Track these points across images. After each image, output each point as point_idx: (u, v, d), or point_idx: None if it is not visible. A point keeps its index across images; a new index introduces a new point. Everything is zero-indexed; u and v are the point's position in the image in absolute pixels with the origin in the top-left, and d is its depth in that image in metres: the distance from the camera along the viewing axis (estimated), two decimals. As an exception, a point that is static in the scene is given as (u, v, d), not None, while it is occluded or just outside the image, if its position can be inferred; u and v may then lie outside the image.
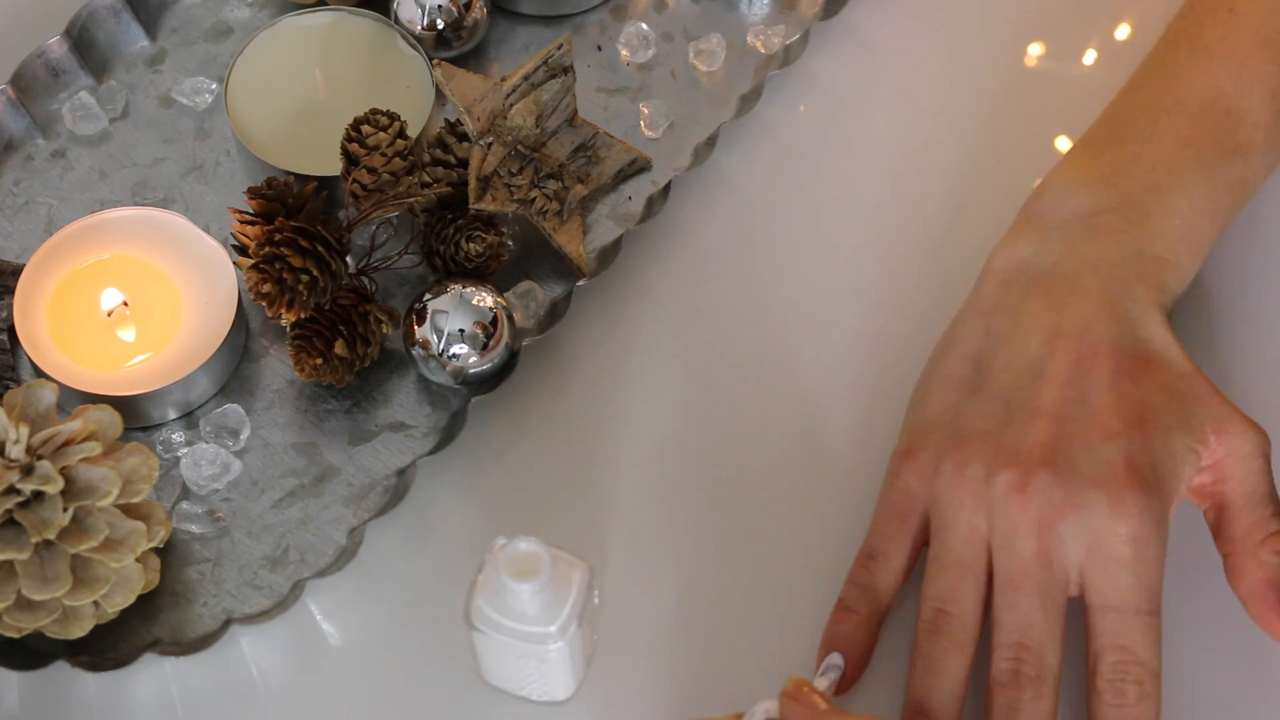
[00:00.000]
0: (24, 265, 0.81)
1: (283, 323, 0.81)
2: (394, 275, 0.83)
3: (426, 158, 0.82)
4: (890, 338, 0.82)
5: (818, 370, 0.81)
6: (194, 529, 0.78)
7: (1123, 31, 0.92)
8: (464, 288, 0.79)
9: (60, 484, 0.70)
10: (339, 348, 0.78)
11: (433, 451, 0.79)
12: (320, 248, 0.77)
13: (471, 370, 0.80)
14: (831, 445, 0.80)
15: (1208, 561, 0.74)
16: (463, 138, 0.82)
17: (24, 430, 0.70)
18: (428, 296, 0.80)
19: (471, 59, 0.90)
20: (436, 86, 0.84)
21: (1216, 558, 0.73)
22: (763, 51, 0.90)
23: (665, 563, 0.78)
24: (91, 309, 0.80)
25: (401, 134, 0.79)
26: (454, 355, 0.79)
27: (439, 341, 0.79)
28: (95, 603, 0.73)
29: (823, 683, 0.72)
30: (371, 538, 0.77)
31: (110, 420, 0.73)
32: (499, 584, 0.68)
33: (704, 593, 0.77)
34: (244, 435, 0.80)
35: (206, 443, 0.79)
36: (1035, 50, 0.91)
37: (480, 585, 0.69)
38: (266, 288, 0.77)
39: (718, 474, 0.80)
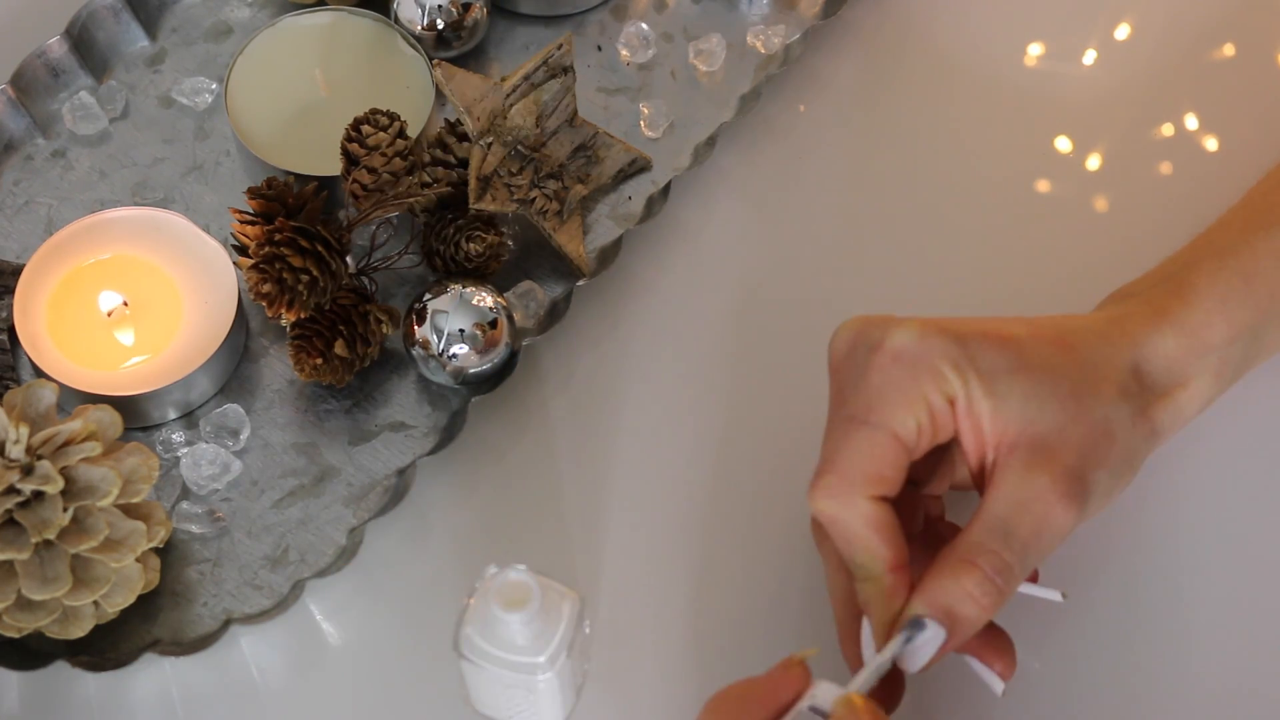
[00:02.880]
0: (24, 265, 0.81)
1: (283, 323, 0.81)
2: (394, 275, 0.83)
3: (426, 158, 0.82)
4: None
5: (819, 369, 0.81)
6: (194, 529, 0.78)
7: (1123, 31, 0.92)
8: (464, 288, 0.79)
9: (60, 484, 0.70)
10: (339, 348, 0.78)
11: (433, 451, 0.79)
12: (320, 248, 0.77)
13: (471, 370, 0.80)
14: (831, 445, 0.80)
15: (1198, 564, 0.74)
16: (463, 138, 0.82)
17: (24, 430, 0.70)
18: (428, 296, 0.80)
19: (471, 59, 0.90)
20: (436, 86, 0.84)
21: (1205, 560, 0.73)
22: (763, 51, 0.90)
23: (664, 567, 0.78)
24: (91, 309, 0.80)
25: (401, 134, 0.79)
26: (454, 355, 0.79)
27: (439, 341, 0.79)
28: (95, 603, 0.73)
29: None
30: (371, 538, 0.77)
31: (110, 420, 0.73)
32: (488, 613, 0.67)
33: (704, 602, 0.77)
34: (244, 435, 0.80)
35: (206, 443, 0.79)
36: (1035, 50, 0.91)
37: (470, 613, 0.69)
38: (266, 288, 0.77)
39: (719, 474, 0.80)
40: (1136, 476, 0.71)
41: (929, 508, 0.73)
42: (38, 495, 0.71)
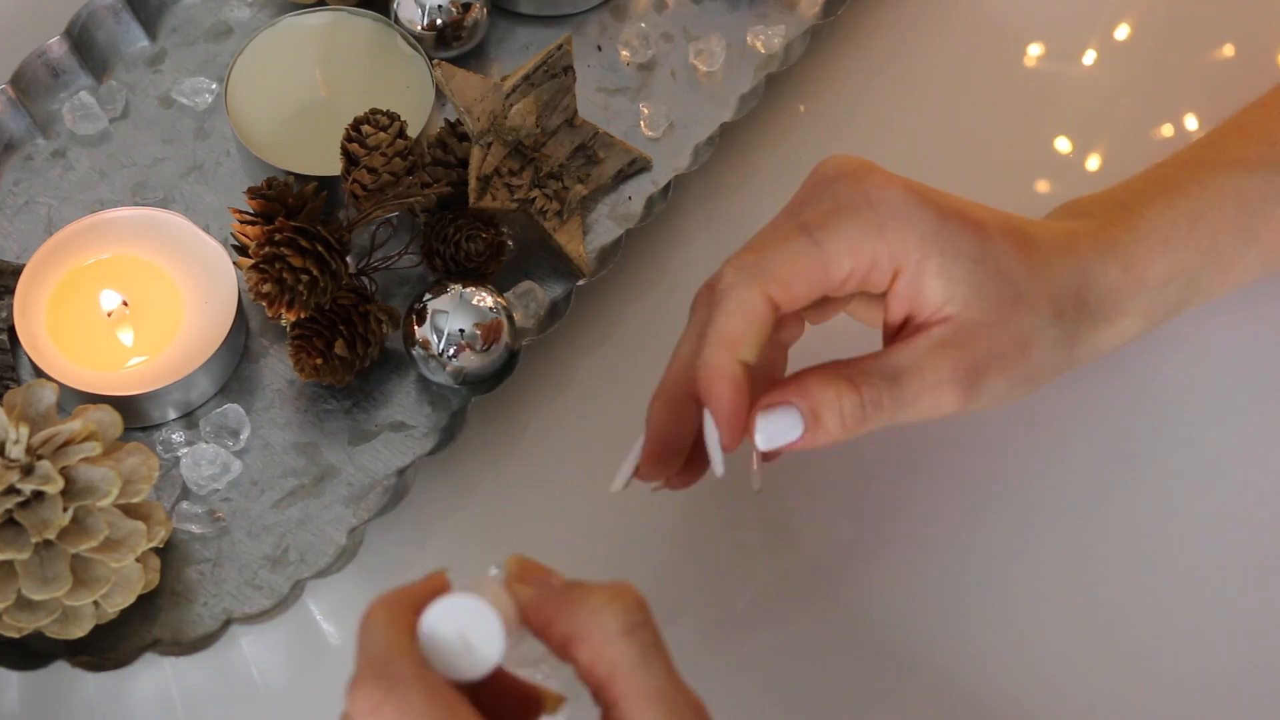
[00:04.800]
0: (24, 265, 0.81)
1: (283, 323, 0.81)
2: (394, 275, 0.83)
3: (426, 158, 0.83)
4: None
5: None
6: (194, 529, 0.78)
7: (1122, 31, 0.92)
8: (464, 288, 0.79)
9: (60, 484, 0.70)
10: (339, 348, 0.78)
11: (433, 451, 0.79)
12: (320, 248, 0.77)
13: (471, 370, 0.80)
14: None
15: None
16: (463, 138, 0.82)
17: (24, 430, 0.70)
18: (428, 296, 0.80)
19: (471, 59, 0.90)
20: (436, 86, 0.84)
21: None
22: (763, 51, 0.90)
23: (665, 568, 0.78)
24: (91, 309, 0.80)
25: (401, 134, 0.79)
26: (454, 355, 0.79)
27: (439, 341, 0.79)
28: (95, 603, 0.73)
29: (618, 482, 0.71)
30: (371, 538, 0.77)
31: (110, 420, 0.74)
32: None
33: (704, 603, 0.77)
34: (244, 435, 0.80)
35: (206, 443, 0.79)
36: (1035, 50, 0.91)
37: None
38: (266, 288, 0.77)
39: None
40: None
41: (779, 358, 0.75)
42: (38, 495, 0.71)
